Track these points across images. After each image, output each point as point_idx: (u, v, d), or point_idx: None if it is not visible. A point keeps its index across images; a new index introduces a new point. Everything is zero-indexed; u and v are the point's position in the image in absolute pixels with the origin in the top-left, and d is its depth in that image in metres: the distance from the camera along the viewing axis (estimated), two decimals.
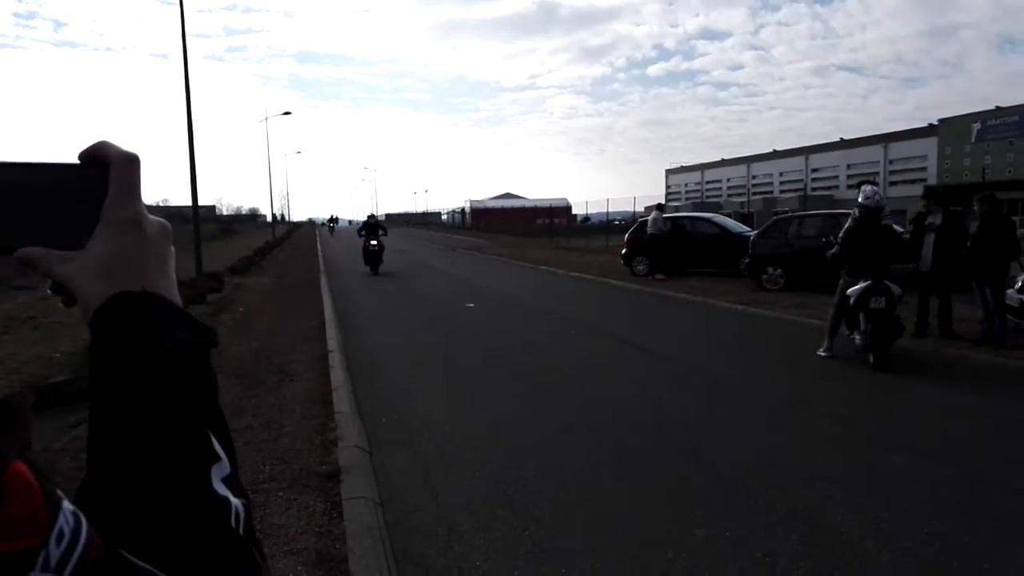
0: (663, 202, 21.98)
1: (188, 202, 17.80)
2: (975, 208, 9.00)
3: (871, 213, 8.16)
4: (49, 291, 0.62)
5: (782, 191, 57.90)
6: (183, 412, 0.56)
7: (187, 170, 16.71)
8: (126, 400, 0.55)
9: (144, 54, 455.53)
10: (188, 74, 16.13)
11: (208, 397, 0.59)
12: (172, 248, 0.65)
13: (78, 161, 0.61)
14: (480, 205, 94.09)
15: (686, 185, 73.70)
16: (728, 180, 67.74)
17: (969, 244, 8.97)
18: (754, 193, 60.51)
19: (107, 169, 0.60)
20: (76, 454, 4.87)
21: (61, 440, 5.22)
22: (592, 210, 49.10)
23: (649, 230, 18.24)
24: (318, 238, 52.16)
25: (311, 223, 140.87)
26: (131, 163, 0.61)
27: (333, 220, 79.48)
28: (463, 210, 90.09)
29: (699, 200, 63.14)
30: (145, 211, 0.62)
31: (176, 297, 0.62)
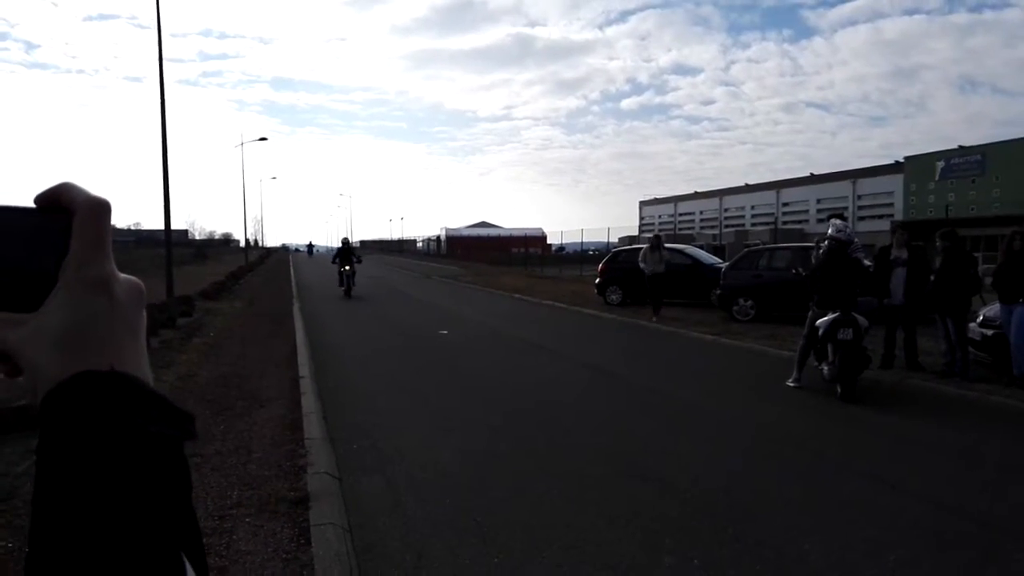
0: (660, 234, 19.84)
1: (160, 226, 17.65)
2: (937, 244, 9.24)
3: (840, 246, 8.35)
4: None
5: (754, 224, 58.83)
6: (151, 530, 0.45)
7: (160, 194, 16.61)
8: (80, 509, 0.44)
9: (117, 77, 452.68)
10: (164, 98, 16.10)
11: (182, 505, 0.49)
12: (144, 314, 0.54)
13: (34, 205, 0.51)
14: (456, 233, 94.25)
15: (660, 217, 74.62)
16: (701, 212, 68.73)
17: (933, 279, 9.19)
18: (726, 226, 61.42)
19: (69, 217, 0.51)
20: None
21: (23, 465, 5.12)
22: (567, 240, 49.56)
23: (646, 270, 15.89)
24: (291, 264, 51.84)
25: (285, 249, 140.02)
26: (99, 211, 0.51)
27: (311, 246, 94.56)
28: (439, 238, 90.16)
29: (672, 232, 63.89)
30: (115, 270, 0.52)
31: (148, 375, 0.52)
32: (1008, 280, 8.36)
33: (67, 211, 0.51)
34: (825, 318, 8.07)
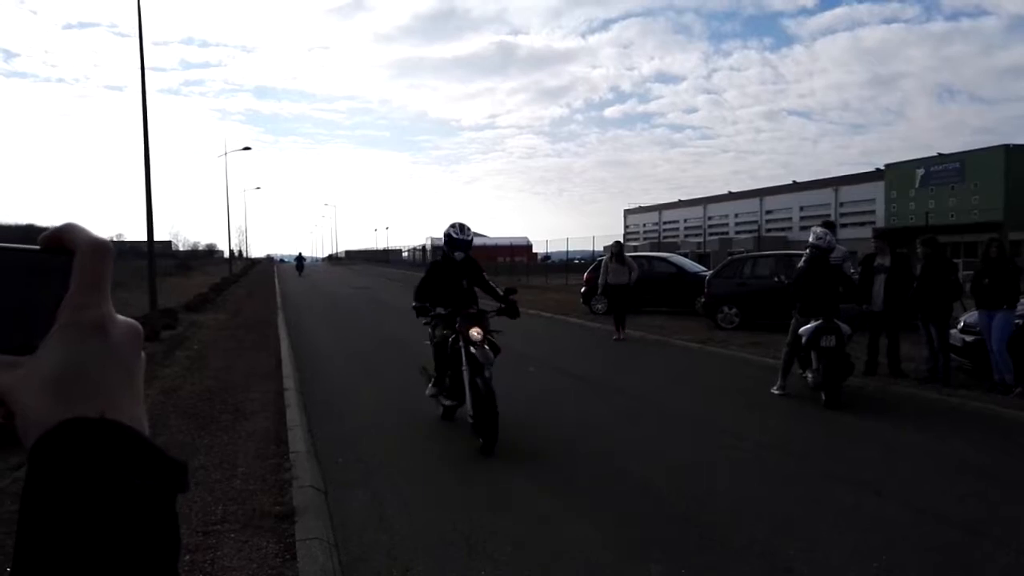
0: (619, 240, 16.08)
1: (143, 237, 17.54)
2: (918, 250, 9.35)
3: (821, 253, 8.43)
4: None
5: (737, 232, 59.21)
6: None
7: (142, 204, 16.50)
8: (59, 564, 0.43)
9: (98, 86, 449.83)
10: (146, 107, 16.02)
11: (166, 563, 0.47)
12: (143, 357, 0.53)
13: (37, 246, 0.51)
14: (441, 243, 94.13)
15: (644, 225, 74.95)
16: (685, 221, 69.10)
17: (914, 285, 9.30)
18: (710, 234, 61.77)
19: (71, 258, 0.50)
20: (16, 497, 4.70)
21: (3, 481, 5.05)
22: (552, 249, 49.57)
23: (606, 281, 14.49)
24: (276, 276, 51.43)
25: (269, 259, 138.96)
26: (99, 253, 0.51)
27: (300, 258, 59.55)
28: (424, 247, 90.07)
29: (656, 240, 64.19)
30: (113, 312, 0.51)
31: (143, 423, 0.51)
32: (985, 287, 8.47)
33: (68, 252, 0.50)
34: (808, 326, 8.14)
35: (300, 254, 59.80)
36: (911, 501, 4.99)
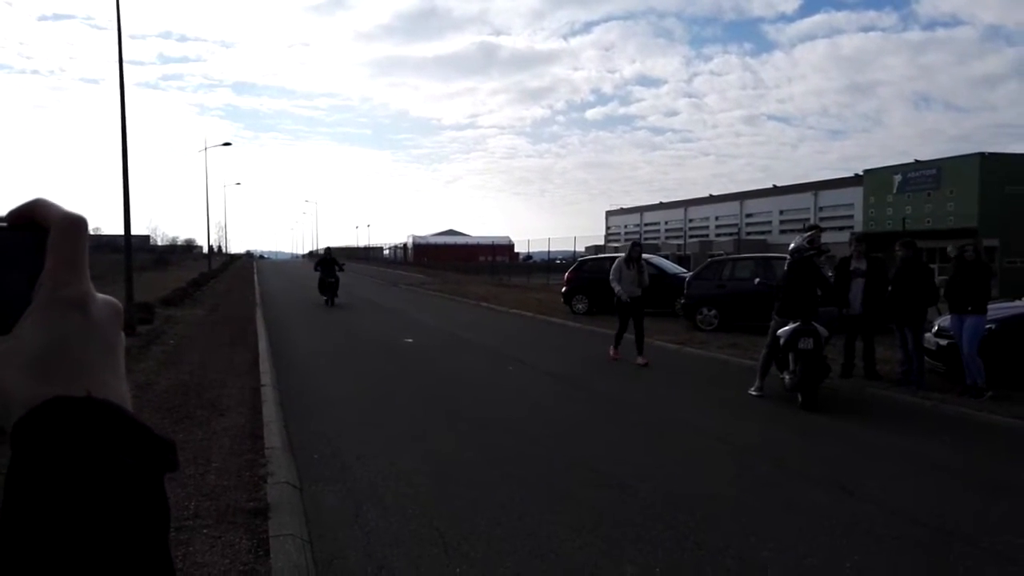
0: (638, 240, 13.31)
1: (121, 231, 17.30)
2: (897, 253, 9.45)
3: (802, 258, 8.50)
4: None
5: (718, 234, 59.56)
6: (122, 567, 0.43)
7: (120, 198, 16.28)
8: (48, 544, 0.41)
9: (74, 79, 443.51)
10: (124, 100, 15.81)
11: (157, 542, 0.46)
12: (122, 335, 0.52)
13: (5, 223, 0.49)
14: (423, 241, 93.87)
15: (625, 227, 75.14)
16: (666, 223, 69.38)
17: (890, 288, 9.41)
18: (691, 236, 62.06)
19: (44, 234, 0.48)
20: None
21: None
22: (534, 248, 49.57)
23: (621, 295, 11.27)
24: (255, 271, 51.06)
25: (249, 255, 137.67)
26: (75, 228, 0.49)
27: (329, 262, 23.74)
28: (405, 245, 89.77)
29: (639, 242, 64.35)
30: (92, 289, 0.49)
31: (127, 401, 0.50)
32: (958, 291, 8.59)
33: (41, 228, 0.48)
34: (786, 328, 8.20)
35: (328, 251, 24.93)
36: (884, 502, 5.04)
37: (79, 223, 0.49)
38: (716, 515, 4.77)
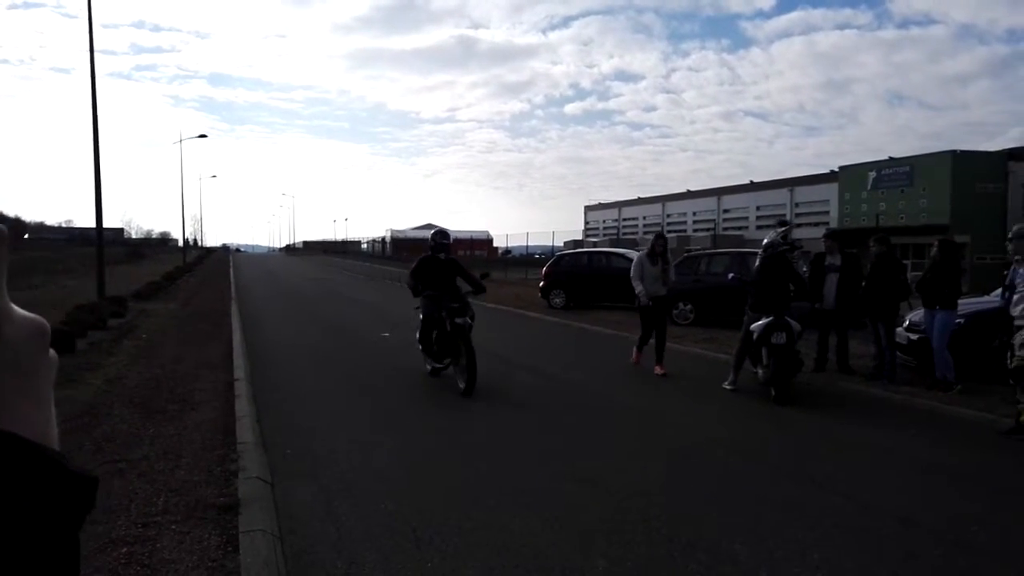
0: (662, 232, 11.76)
1: (93, 224, 17.04)
2: (871, 248, 9.56)
3: (775, 253, 8.57)
4: None
5: (695, 230, 59.89)
6: None
7: (91, 190, 16.04)
8: None
9: (44, 68, 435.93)
10: (95, 91, 15.55)
11: None
12: (50, 358, 0.46)
13: None
14: (401, 235, 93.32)
15: (604, 222, 75.33)
16: (644, 218, 69.62)
17: (864, 284, 9.52)
18: (669, 231, 62.36)
19: None
20: None
21: None
22: (513, 243, 49.65)
23: (642, 297, 9.76)
24: (231, 265, 50.55)
25: (225, 249, 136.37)
26: None
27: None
28: (384, 239, 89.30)
29: (616, 236, 64.61)
30: (9, 306, 0.44)
31: (48, 434, 0.44)
32: (929, 287, 8.70)
33: None
34: (759, 322, 8.26)
35: (441, 239, 9.47)
36: (854, 495, 5.10)
37: None
38: (688, 508, 4.79)
